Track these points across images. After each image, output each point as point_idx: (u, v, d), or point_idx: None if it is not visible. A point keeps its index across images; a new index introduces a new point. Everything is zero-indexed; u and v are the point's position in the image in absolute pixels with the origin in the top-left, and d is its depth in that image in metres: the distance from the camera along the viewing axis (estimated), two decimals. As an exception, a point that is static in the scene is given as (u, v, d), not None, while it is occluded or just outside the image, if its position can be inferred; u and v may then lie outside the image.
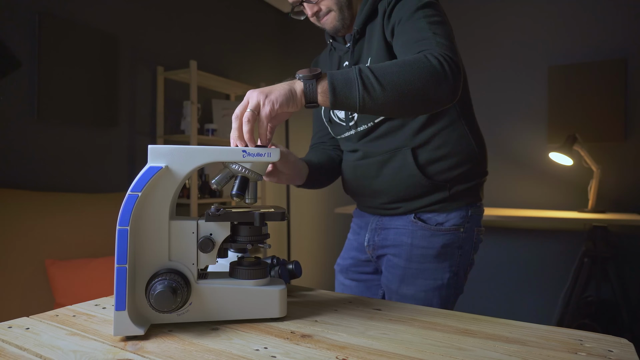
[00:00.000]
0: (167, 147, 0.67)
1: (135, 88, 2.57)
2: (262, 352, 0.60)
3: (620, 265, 2.54)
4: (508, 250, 2.89)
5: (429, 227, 1.04)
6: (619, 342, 0.64)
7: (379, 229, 1.12)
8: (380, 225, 1.12)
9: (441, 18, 0.90)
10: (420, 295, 1.03)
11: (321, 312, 0.78)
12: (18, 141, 2.00)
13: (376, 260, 1.15)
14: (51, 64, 2.09)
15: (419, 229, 1.05)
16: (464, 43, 3.06)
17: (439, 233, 1.04)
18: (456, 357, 0.59)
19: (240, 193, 0.71)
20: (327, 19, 1.04)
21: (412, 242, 1.05)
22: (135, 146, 2.56)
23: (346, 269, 1.22)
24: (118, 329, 0.63)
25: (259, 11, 3.58)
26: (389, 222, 1.10)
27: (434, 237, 1.04)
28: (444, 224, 1.04)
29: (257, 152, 0.70)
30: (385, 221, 1.11)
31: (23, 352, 0.59)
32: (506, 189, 2.89)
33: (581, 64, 2.69)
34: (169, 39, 2.77)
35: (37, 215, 1.84)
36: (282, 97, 0.73)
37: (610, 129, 2.62)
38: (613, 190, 2.62)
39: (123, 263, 0.63)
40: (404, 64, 0.77)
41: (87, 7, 2.28)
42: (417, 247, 1.04)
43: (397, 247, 1.07)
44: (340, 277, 1.24)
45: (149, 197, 0.66)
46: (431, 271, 1.03)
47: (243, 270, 0.72)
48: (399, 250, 1.07)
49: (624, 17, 2.59)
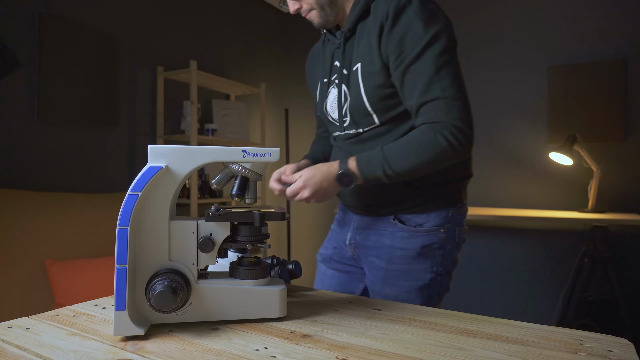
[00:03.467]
0: (167, 147, 0.67)
1: (135, 88, 2.57)
2: (262, 352, 0.60)
3: (621, 265, 2.54)
4: (508, 250, 2.89)
5: (408, 229, 1.05)
6: (619, 342, 0.64)
7: (360, 228, 1.13)
8: (361, 225, 1.13)
9: (450, 56, 0.91)
10: (403, 296, 1.04)
11: (321, 312, 0.78)
12: (18, 141, 2.00)
13: (358, 258, 1.16)
14: (51, 64, 2.09)
15: (399, 230, 1.05)
16: (464, 43, 3.07)
17: (418, 234, 1.04)
18: (456, 357, 0.59)
19: (240, 193, 0.71)
20: (310, 16, 1.05)
21: (392, 243, 1.06)
22: (135, 146, 2.56)
23: (329, 259, 1.23)
24: (118, 329, 0.63)
25: (259, 11, 3.58)
26: (370, 223, 1.11)
27: (413, 238, 1.04)
28: (423, 225, 1.04)
29: (257, 152, 0.70)
30: (366, 221, 1.12)
31: (23, 352, 0.59)
32: (506, 189, 2.89)
33: (581, 64, 2.69)
34: (169, 39, 2.77)
35: (37, 215, 1.84)
36: (327, 198, 0.97)
37: (610, 129, 2.62)
38: (613, 190, 2.62)
39: (123, 263, 0.63)
40: (418, 151, 0.91)
41: (87, 7, 2.28)
42: (397, 249, 1.05)
43: (378, 249, 1.08)
44: (322, 267, 1.25)
45: (149, 197, 0.66)
46: (412, 272, 1.04)
47: (243, 270, 0.72)
48: (380, 252, 1.08)
49: (624, 17, 2.59)
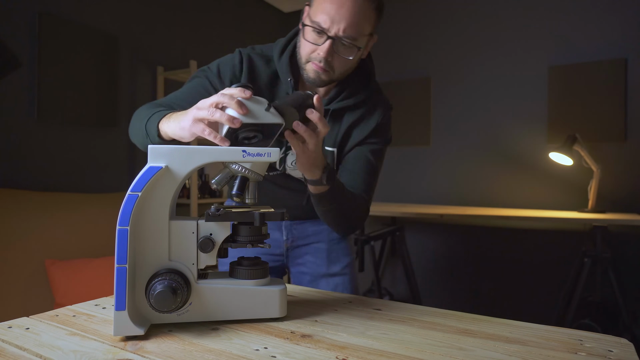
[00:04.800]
0: (167, 147, 0.67)
1: (135, 88, 2.57)
2: (262, 352, 0.60)
3: (621, 265, 2.54)
4: (508, 250, 2.89)
5: None
6: (619, 342, 0.64)
7: (293, 224, 1.19)
8: (293, 222, 1.19)
9: (382, 162, 1.09)
10: (346, 270, 1.17)
11: (321, 312, 0.78)
12: (18, 141, 2.00)
13: (291, 251, 1.20)
14: (51, 64, 2.09)
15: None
16: (464, 43, 3.07)
17: None
18: (456, 357, 0.59)
19: (240, 193, 0.71)
20: (326, 71, 0.94)
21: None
22: (135, 146, 2.56)
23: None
24: (118, 329, 0.63)
25: (259, 11, 3.58)
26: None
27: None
28: None
29: (257, 152, 0.70)
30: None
31: (23, 352, 0.59)
32: (506, 189, 2.89)
33: (581, 64, 2.69)
34: (169, 39, 2.77)
35: (37, 215, 1.84)
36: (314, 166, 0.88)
37: (610, 129, 2.62)
38: (613, 190, 2.62)
39: (123, 263, 0.63)
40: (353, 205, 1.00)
41: (87, 7, 2.28)
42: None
43: (319, 234, 1.19)
44: None
45: (149, 197, 0.66)
46: (347, 248, 1.20)
47: (243, 270, 0.72)
48: (321, 236, 1.18)
49: (624, 17, 2.59)
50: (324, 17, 0.87)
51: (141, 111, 0.91)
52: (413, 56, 3.26)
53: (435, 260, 3.14)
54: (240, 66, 0.99)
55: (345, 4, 0.86)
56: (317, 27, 0.88)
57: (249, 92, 0.70)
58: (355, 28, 0.88)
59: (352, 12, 0.87)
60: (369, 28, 0.92)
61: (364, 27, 0.90)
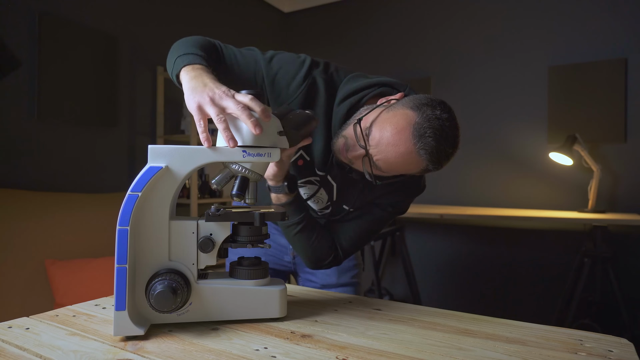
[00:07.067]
0: (167, 147, 0.67)
1: (135, 88, 2.57)
2: (262, 352, 0.60)
3: (620, 265, 2.54)
4: (508, 250, 2.89)
5: None
6: (619, 342, 0.64)
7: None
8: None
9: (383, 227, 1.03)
10: (355, 279, 1.17)
11: (321, 312, 0.78)
12: (18, 141, 2.00)
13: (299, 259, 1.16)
14: (51, 64, 2.09)
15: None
16: (464, 43, 3.07)
17: None
18: (456, 357, 0.59)
19: (240, 193, 0.71)
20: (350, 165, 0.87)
21: None
22: (135, 146, 2.56)
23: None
24: (118, 329, 0.63)
25: (259, 11, 3.58)
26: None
27: None
28: None
29: (257, 152, 0.70)
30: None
31: (23, 352, 0.59)
32: (506, 189, 2.89)
33: (581, 64, 2.69)
34: (169, 39, 2.75)
35: (37, 215, 1.84)
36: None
37: (610, 129, 2.62)
38: (613, 190, 2.62)
39: (123, 263, 0.63)
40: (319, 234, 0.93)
41: (87, 7, 2.28)
42: None
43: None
44: None
45: (149, 197, 0.66)
46: (356, 257, 1.19)
47: (243, 270, 0.72)
48: None
49: (624, 17, 2.59)
50: (374, 142, 0.77)
51: (186, 42, 0.89)
52: (413, 56, 3.26)
53: (435, 260, 3.14)
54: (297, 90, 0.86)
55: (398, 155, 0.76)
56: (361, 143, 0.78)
57: (269, 114, 0.67)
58: (394, 171, 0.80)
59: (398, 162, 0.77)
60: (415, 170, 0.80)
61: (405, 170, 0.81)
